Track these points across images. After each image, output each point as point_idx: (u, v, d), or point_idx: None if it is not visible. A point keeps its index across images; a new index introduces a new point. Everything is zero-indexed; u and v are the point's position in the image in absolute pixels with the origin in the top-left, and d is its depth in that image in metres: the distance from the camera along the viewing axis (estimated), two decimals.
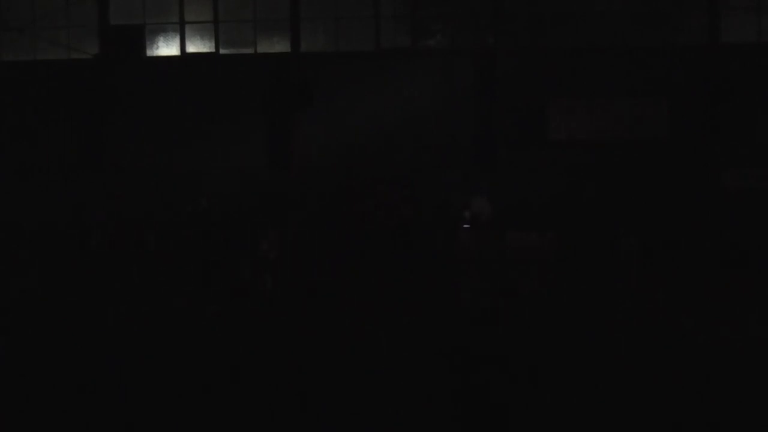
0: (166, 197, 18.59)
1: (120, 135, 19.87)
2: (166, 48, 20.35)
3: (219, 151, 19.57)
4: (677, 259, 16.86)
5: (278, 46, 19.90)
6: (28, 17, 20.35)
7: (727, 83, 18.90)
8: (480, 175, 18.81)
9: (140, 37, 20.14)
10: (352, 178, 18.95)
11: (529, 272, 15.25)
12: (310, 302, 13.84)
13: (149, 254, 16.72)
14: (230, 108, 19.56)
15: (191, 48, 20.23)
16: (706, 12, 19.12)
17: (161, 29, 20.31)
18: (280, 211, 18.23)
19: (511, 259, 16.65)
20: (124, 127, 19.84)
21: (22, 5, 20.39)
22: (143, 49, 20.17)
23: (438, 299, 13.88)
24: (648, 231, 17.18)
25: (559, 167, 18.76)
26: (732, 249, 17.28)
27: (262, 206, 18.27)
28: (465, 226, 17.96)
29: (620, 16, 19.41)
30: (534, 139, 19.05)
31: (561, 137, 18.87)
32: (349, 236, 17.89)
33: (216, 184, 18.84)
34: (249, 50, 19.96)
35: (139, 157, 19.58)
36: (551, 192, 18.54)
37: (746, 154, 18.74)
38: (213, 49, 20.06)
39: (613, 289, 14.93)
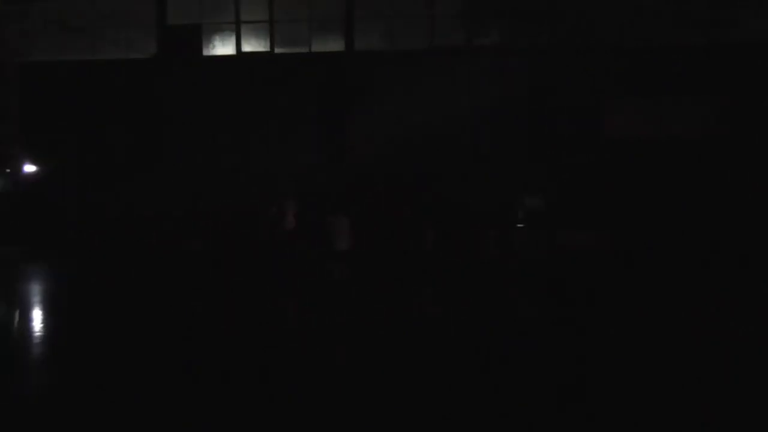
0: (222, 196, 18.91)
1: (178, 134, 20.24)
2: (222, 47, 20.63)
3: (275, 149, 19.81)
4: (738, 256, 16.66)
5: (332, 44, 20.07)
6: (88, 17, 20.84)
7: None
8: (534, 174, 18.80)
9: (197, 36, 20.49)
10: (407, 176, 19.05)
11: (584, 272, 15.27)
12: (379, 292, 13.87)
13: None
14: (286, 106, 19.81)
15: (247, 47, 20.49)
16: (763, 9, 18.84)
17: (218, 29, 20.60)
18: (340, 207, 18.37)
19: (565, 258, 16.70)
20: (181, 125, 20.20)
21: (81, 5, 20.86)
22: (200, 48, 20.52)
23: (488, 300, 13.85)
24: (706, 228, 17.05)
25: (614, 166, 18.67)
26: None
27: (320, 203, 18.45)
28: (519, 225, 18.00)
29: (677, 14, 19.19)
30: (589, 137, 18.99)
31: (616, 135, 18.77)
32: (399, 232, 17.99)
33: (272, 182, 19.09)
34: (304, 49, 20.16)
35: (195, 156, 19.92)
36: (606, 191, 18.48)
37: None
38: (268, 48, 20.30)
39: (672, 289, 14.77)
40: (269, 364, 9.26)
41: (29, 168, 20.41)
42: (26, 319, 11.77)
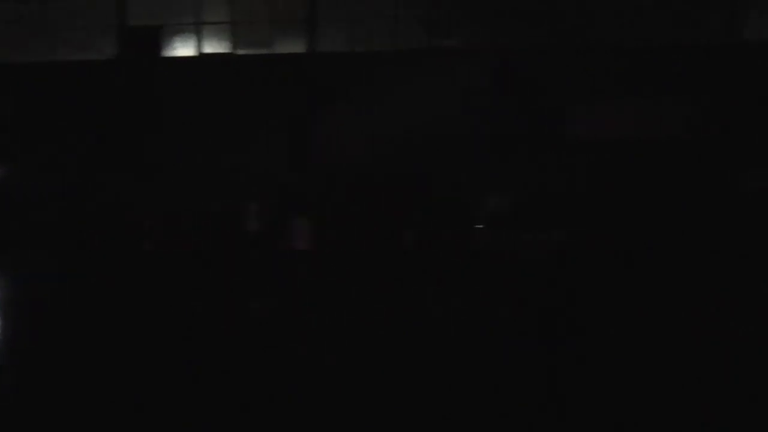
0: (183, 197, 18.62)
1: (138, 135, 19.92)
2: (183, 49, 20.36)
3: (237, 151, 19.57)
4: (692, 258, 16.69)
5: (295, 46, 19.87)
6: (47, 18, 20.49)
7: (747, 82, 18.72)
8: (496, 175, 18.71)
9: (157, 37, 20.20)
10: (368, 178, 18.90)
11: (544, 271, 15.18)
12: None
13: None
14: (248, 108, 19.58)
15: (208, 49, 20.23)
16: (727, 10, 18.91)
17: (178, 30, 20.32)
18: (301, 209, 18.19)
19: (526, 258, 16.62)
20: (140, 127, 19.89)
21: (40, 6, 20.52)
22: (160, 49, 20.23)
23: (448, 300, 13.73)
24: (665, 230, 17.04)
25: (576, 167, 18.62)
26: (748, 249, 17.14)
27: (281, 206, 18.25)
28: (479, 226, 17.89)
29: (639, 14, 19.22)
30: (551, 138, 18.93)
31: (579, 137, 18.73)
32: (363, 235, 17.85)
33: (232, 184, 18.86)
34: (266, 51, 19.94)
35: (157, 157, 19.61)
36: (568, 192, 18.43)
37: (765, 154, 18.54)
38: (230, 50, 20.06)
39: (629, 288, 14.76)
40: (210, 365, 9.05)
41: None
42: None
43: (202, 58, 20.10)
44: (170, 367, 9.28)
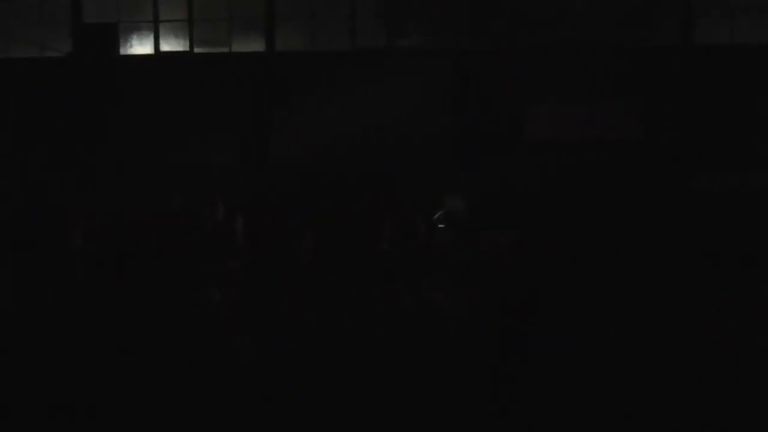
0: (137, 196, 18.42)
1: (93, 133, 19.70)
2: (140, 47, 20.18)
3: (193, 150, 19.42)
4: (647, 259, 16.93)
5: (253, 45, 19.80)
6: (0, 15, 20.21)
7: (700, 85, 19.09)
8: (456, 176, 18.80)
9: (114, 35, 19.99)
10: (327, 178, 18.89)
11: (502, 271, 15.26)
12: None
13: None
14: (205, 107, 19.43)
15: (165, 47, 20.07)
16: (680, 13, 19.27)
17: (135, 28, 20.13)
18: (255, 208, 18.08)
19: (485, 259, 16.69)
20: (96, 125, 19.66)
21: None
22: (117, 47, 20.01)
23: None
24: (621, 231, 17.23)
25: (535, 168, 18.79)
26: (701, 250, 17.44)
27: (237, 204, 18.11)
28: (440, 226, 17.94)
29: (596, 17, 19.48)
30: (511, 139, 19.09)
31: (537, 138, 18.91)
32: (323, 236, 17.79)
33: (190, 182, 18.66)
34: (224, 49, 19.84)
35: (111, 156, 19.38)
36: (527, 192, 18.59)
37: (718, 156, 18.91)
38: (187, 48, 19.93)
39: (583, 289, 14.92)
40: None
41: None
42: None
43: (159, 57, 19.94)
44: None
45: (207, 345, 10.40)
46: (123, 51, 20.09)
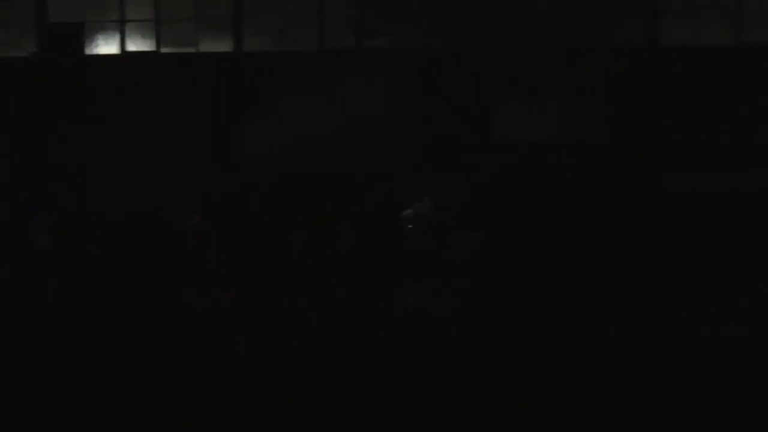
0: (104, 197, 18.28)
1: (59, 134, 19.46)
2: (106, 47, 19.98)
3: (161, 152, 19.26)
4: (614, 259, 17.07)
5: (221, 45, 19.68)
6: None
7: (666, 86, 19.30)
8: (424, 176, 18.84)
9: (79, 35, 19.77)
10: (295, 179, 18.86)
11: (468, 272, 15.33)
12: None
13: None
14: (172, 108, 19.29)
15: (132, 47, 19.90)
16: (645, 15, 19.47)
17: (101, 27, 19.93)
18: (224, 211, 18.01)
19: (453, 258, 16.75)
20: (62, 125, 19.43)
21: None
22: (82, 47, 19.80)
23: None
24: (589, 231, 17.37)
25: (502, 168, 18.89)
26: (671, 250, 17.62)
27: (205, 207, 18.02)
28: (408, 226, 17.98)
29: (563, 18, 19.62)
30: (477, 140, 19.18)
31: (503, 139, 19.02)
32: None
33: (158, 184, 18.54)
34: (191, 49, 19.70)
35: (77, 157, 19.17)
36: (495, 193, 18.69)
37: (686, 156, 19.13)
38: (154, 48, 19.76)
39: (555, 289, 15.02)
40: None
41: None
42: None
43: (125, 56, 19.76)
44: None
45: (175, 347, 10.36)
46: (89, 51, 19.84)
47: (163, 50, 19.75)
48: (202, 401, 8.26)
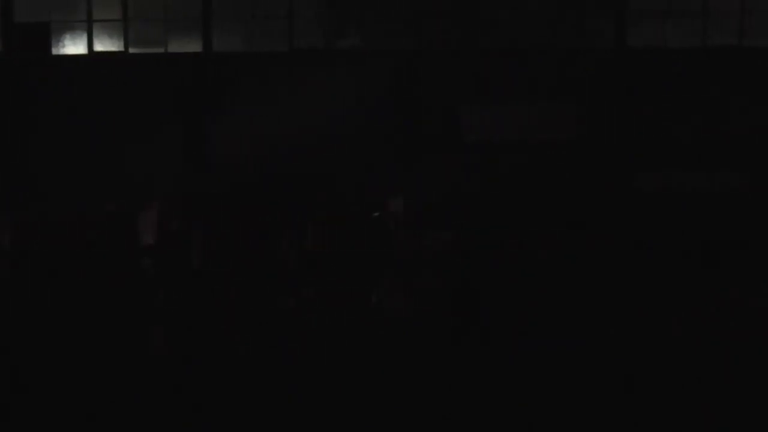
0: (71, 198, 18.03)
1: (25, 135, 19.21)
2: (74, 47, 19.76)
3: (129, 152, 19.08)
4: (588, 259, 17.17)
5: (190, 45, 19.56)
6: None
7: (634, 87, 19.47)
8: (395, 177, 18.82)
9: (46, 34, 19.55)
10: (266, 179, 18.77)
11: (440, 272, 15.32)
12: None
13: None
14: (141, 108, 19.14)
15: (99, 47, 19.70)
16: (613, 17, 19.65)
17: (68, 27, 19.71)
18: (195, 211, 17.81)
19: (425, 259, 16.74)
20: (29, 126, 19.19)
21: None
22: (49, 47, 19.58)
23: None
24: (559, 231, 17.45)
25: (472, 169, 18.92)
26: (643, 249, 17.77)
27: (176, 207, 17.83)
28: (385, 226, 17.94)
29: (532, 20, 19.72)
30: (448, 141, 19.20)
31: (474, 139, 19.05)
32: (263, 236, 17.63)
33: (126, 185, 18.33)
34: (160, 49, 19.56)
35: (44, 158, 18.92)
36: (465, 192, 18.72)
37: (657, 156, 19.29)
38: (122, 48, 19.59)
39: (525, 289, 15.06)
40: None
41: None
42: None
43: (92, 57, 19.55)
44: None
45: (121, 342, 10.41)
46: (55, 51, 19.66)
47: (132, 50, 19.57)
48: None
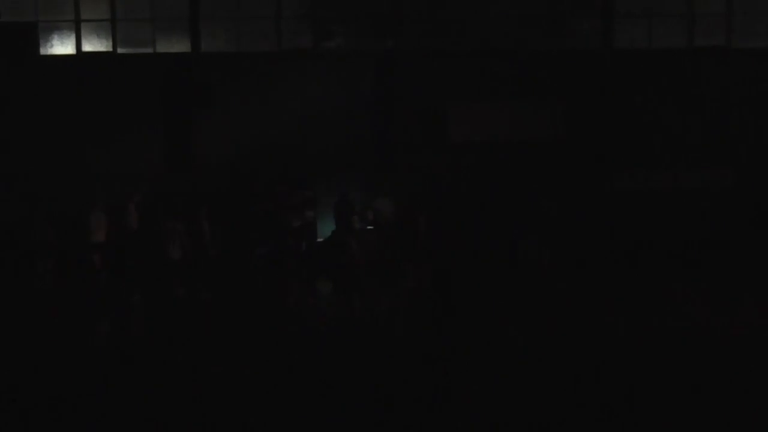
0: (57, 198, 18.07)
1: (14, 134, 19.13)
2: (62, 47, 19.71)
3: (117, 152, 19.05)
4: (570, 256, 17.33)
5: (178, 45, 19.54)
6: None
7: (619, 88, 19.61)
8: (382, 177, 18.91)
9: (33, 35, 19.48)
10: (252, 180, 18.82)
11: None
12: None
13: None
14: (129, 108, 19.12)
15: (88, 47, 19.65)
16: (600, 18, 19.77)
17: (56, 27, 19.63)
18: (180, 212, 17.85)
19: (409, 257, 16.84)
20: (17, 126, 19.11)
21: None
22: (36, 47, 19.51)
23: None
24: (544, 230, 17.58)
25: (459, 169, 19.02)
26: (622, 247, 17.97)
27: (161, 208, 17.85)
28: (369, 227, 18.03)
29: (519, 20, 19.81)
30: (435, 141, 19.28)
31: (461, 139, 19.14)
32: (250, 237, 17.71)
33: (112, 184, 18.29)
34: (148, 50, 19.53)
35: (34, 158, 18.86)
36: (451, 193, 18.83)
37: (636, 156, 19.45)
38: (110, 48, 19.56)
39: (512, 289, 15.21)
40: None
41: None
42: None
43: (80, 57, 19.52)
44: None
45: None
46: (43, 51, 19.56)
47: (120, 50, 19.54)
48: None
